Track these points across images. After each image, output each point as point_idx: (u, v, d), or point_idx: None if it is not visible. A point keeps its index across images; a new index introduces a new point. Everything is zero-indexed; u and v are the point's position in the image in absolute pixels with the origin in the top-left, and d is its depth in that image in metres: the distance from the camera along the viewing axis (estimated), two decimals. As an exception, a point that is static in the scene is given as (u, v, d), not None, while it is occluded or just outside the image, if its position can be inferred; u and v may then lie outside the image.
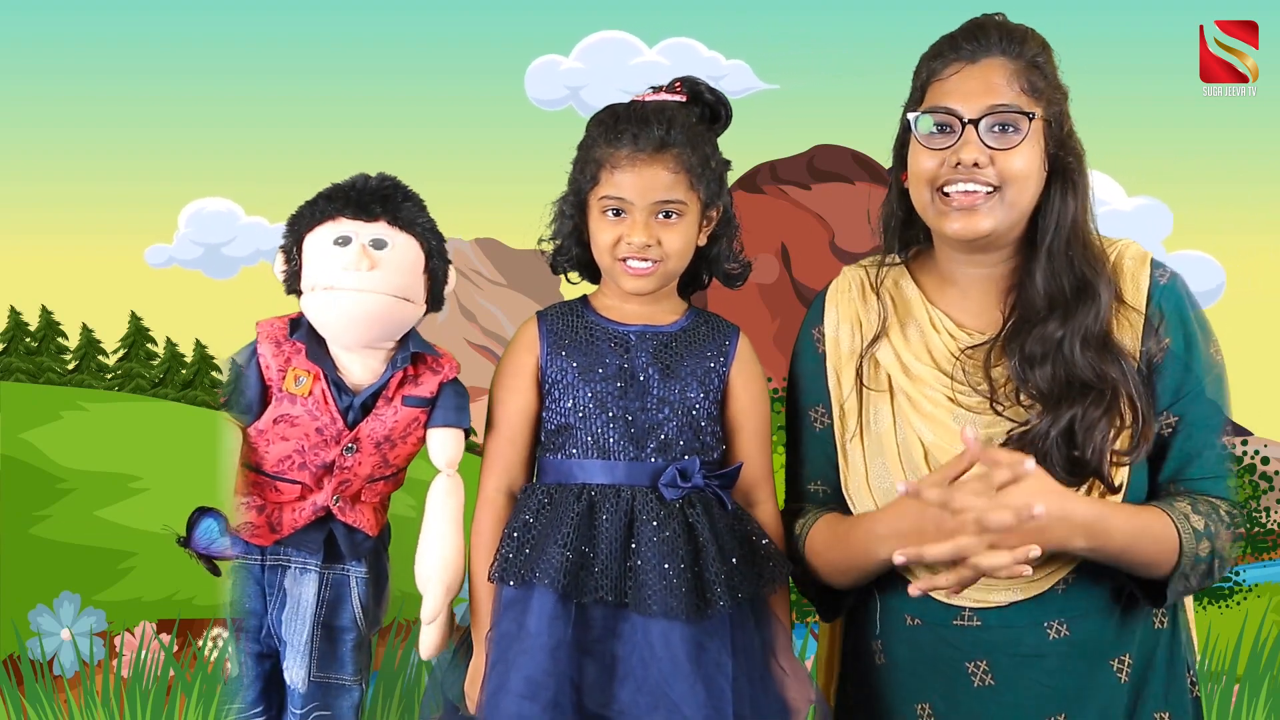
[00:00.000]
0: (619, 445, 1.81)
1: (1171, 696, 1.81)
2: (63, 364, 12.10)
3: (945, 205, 1.74)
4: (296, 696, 1.86)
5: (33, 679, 4.24)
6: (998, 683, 1.76)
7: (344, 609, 1.87)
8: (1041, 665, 1.75)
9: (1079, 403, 1.69)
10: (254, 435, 1.83)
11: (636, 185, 1.80)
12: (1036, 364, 1.72)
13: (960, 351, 1.78)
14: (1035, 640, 1.75)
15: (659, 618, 1.73)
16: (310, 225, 1.81)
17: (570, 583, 1.74)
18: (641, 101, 1.86)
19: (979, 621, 1.76)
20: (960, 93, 1.73)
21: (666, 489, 1.79)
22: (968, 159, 1.71)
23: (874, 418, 1.83)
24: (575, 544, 1.76)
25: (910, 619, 1.81)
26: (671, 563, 1.75)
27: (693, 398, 1.83)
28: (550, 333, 1.87)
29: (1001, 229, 1.74)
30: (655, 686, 1.73)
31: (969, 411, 1.76)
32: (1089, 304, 1.73)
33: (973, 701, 1.77)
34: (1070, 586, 1.74)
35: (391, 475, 1.90)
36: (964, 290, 1.83)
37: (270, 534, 1.85)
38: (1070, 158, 1.77)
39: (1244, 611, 8.07)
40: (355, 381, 1.83)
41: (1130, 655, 1.77)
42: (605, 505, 1.78)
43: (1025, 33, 1.78)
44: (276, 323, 1.85)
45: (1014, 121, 1.72)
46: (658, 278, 1.84)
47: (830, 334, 1.90)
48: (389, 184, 1.83)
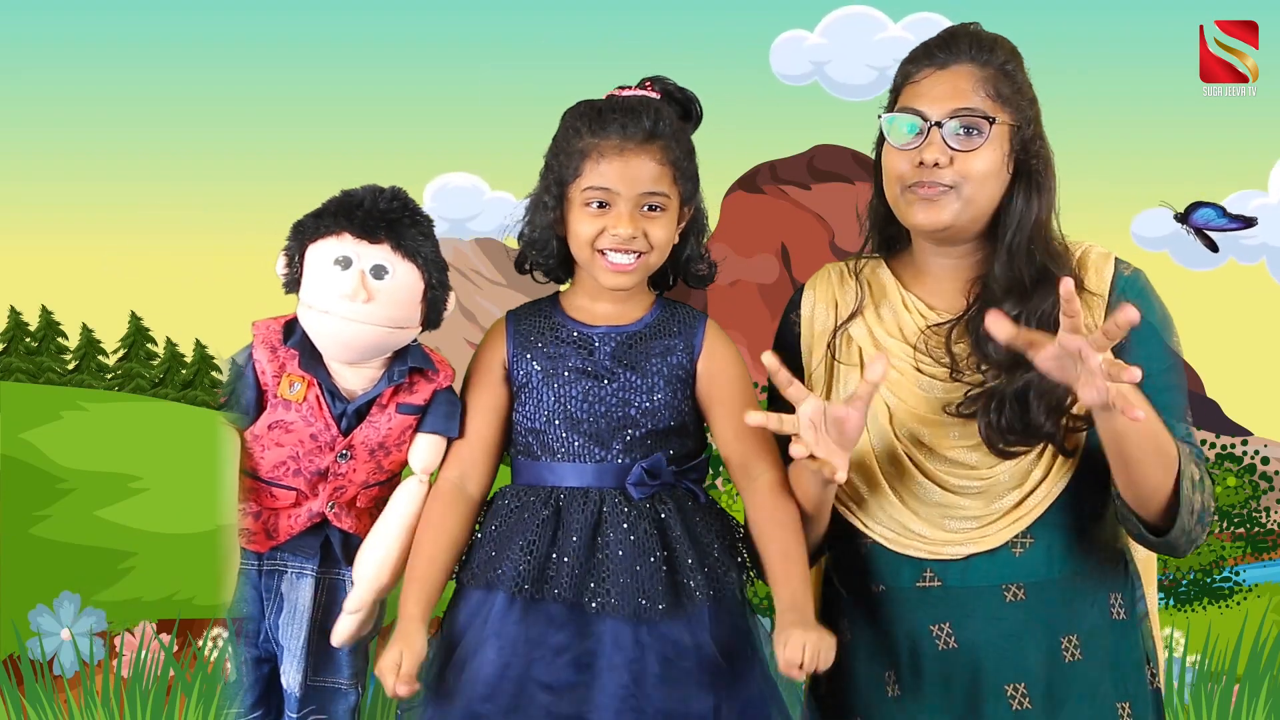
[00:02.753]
0: (585, 448, 1.81)
1: (1131, 687, 1.86)
2: (63, 364, 12.11)
3: (912, 197, 1.83)
4: (293, 700, 1.86)
5: (33, 679, 4.24)
6: (959, 646, 1.82)
7: (340, 613, 1.87)
8: (1000, 628, 1.81)
9: (1034, 369, 1.72)
10: (250, 440, 1.83)
11: (624, 175, 1.79)
12: (990, 340, 1.76)
13: (927, 328, 1.87)
14: (993, 602, 1.82)
15: (630, 619, 1.73)
16: (314, 237, 1.79)
17: (532, 587, 1.74)
18: (621, 95, 1.85)
19: (940, 581, 1.83)
20: (929, 96, 1.82)
21: (634, 488, 1.79)
22: (929, 159, 1.80)
23: (842, 388, 1.90)
24: (538, 548, 1.76)
25: (876, 586, 1.87)
26: (643, 563, 1.75)
27: (659, 396, 1.83)
28: (518, 333, 1.87)
29: (961, 223, 1.83)
30: (623, 687, 1.73)
31: (932, 379, 1.84)
32: (1047, 292, 1.80)
33: (937, 666, 1.83)
34: (1026, 551, 1.82)
35: (386, 481, 1.89)
36: (936, 278, 1.91)
37: (266, 540, 1.85)
38: (1035, 160, 1.85)
39: (1244, 611, 8.07)
40: (350, 389, 1.83)
41: (1078, 636, 1.83)
42: (573, 508, 1.78)
43: (995, 41, 1.86)
44: (272, 325, 1.84)
45: (977, 125, 1.80)
46: (639, 272, 1.83)
47: (806, 314, 1.97)
48: (398, 205, 1.80)
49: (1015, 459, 1.80)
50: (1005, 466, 1.80)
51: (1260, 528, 10.44)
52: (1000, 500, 1.81)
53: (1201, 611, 8.73)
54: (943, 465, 1.82)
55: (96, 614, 4.58)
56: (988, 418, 1.79)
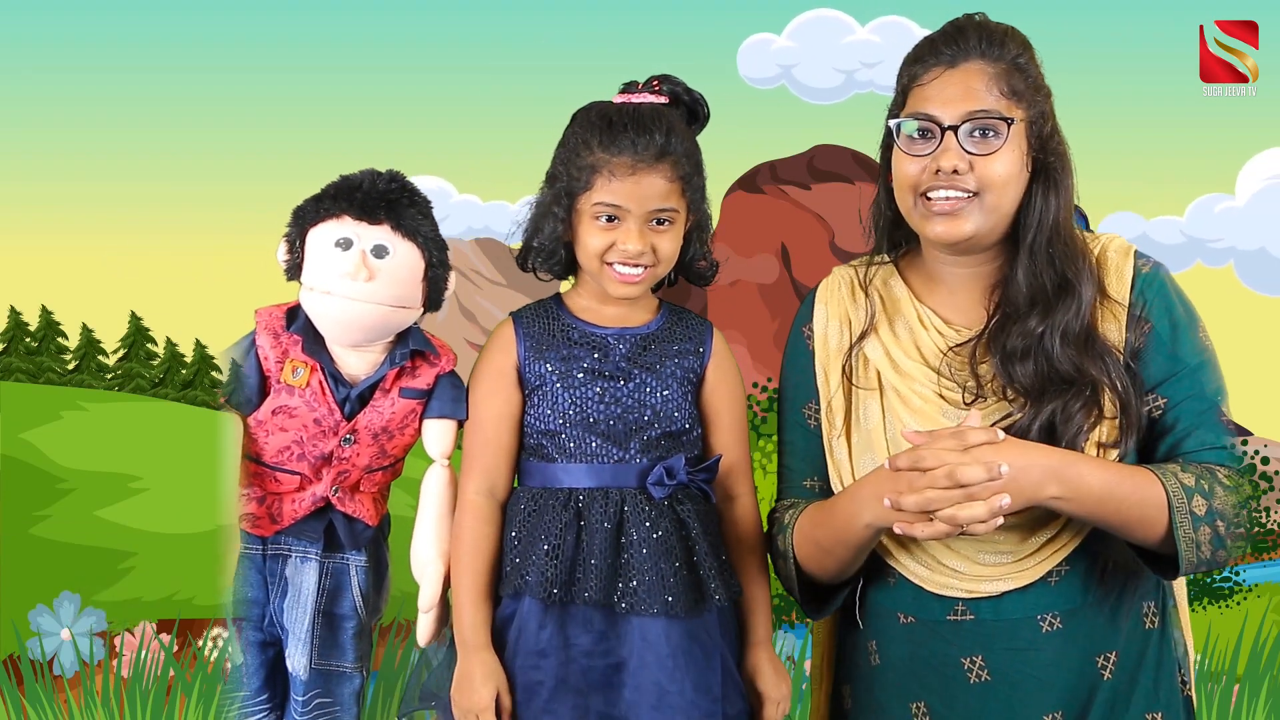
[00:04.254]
0: (603, 448, 1.81)
1: (1163, 696, 1.81)
2: (63, 364, 12.10)
3: (928, 209, 1.76)
4: (299, 684, 1.87)
5: (33, 679, 4.24)
6: (994, 678, 1.77)
7: (344, 597, 1.88)
8: (1036, 659, 1.76)
9: (1060, 397, 1.71)
10: (253, 426, 1.84)
11: (634, 194, 1.79)
12: (1018, 359, 1.75)
13: (948, 348, 1.81)
14: (1029, 634, 1.76)
15: (659, 617, 1.73)
16: (314, 220, 1.82)
17: (560, 591, 1.75)
18: (633, 104, 1.83)
19: (972, 615, 1.77)
20: (940, 99, 1.74)
21: (655, 488, 1.79)
22: (947, 166, 1.72)
23: (863, 414, 1.85)
24: (563, 551, 1.76)
25: (904, 617, 1.82)
26: (667, 561, 1.76)
27: (673, 396, 1.83)
28: (528, 335, 1.86)
29: (983, 231, 1.76)
30: (654, 685, 1.73)
31: (956, 407, 1.78)
32: (1069, 301, 1.75)
33: (969, 698, 1.78)
34: (1061, 579, 1.76)
35: (389, 465, 1.90)
36: (951, 289, 1.85)
37: (270, 524, 1.86)
38: (1052, 158, 1.78)
39: (1244, 611, 8.08)
40: (352, 374, 1.84)
41: (1117, 652, 1.78)
42: (594, 509, 1.78)
43: (1005, 33, 1.77)
44: (275, 312, 1.86)
45: (993, 127, 1.73)
46: (646, 283, 1.84)
47: (819, 331, 1.91)
48: (396, 186, 1.83)
49: None
50: None
51: (1260, 528, 10.44)
52: (1035, 535, 1.74)
53: (1201, 611, 8.73)
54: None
55: (96, 614, 4.57)
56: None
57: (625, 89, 1.87)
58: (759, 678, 1.84)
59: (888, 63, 13.64)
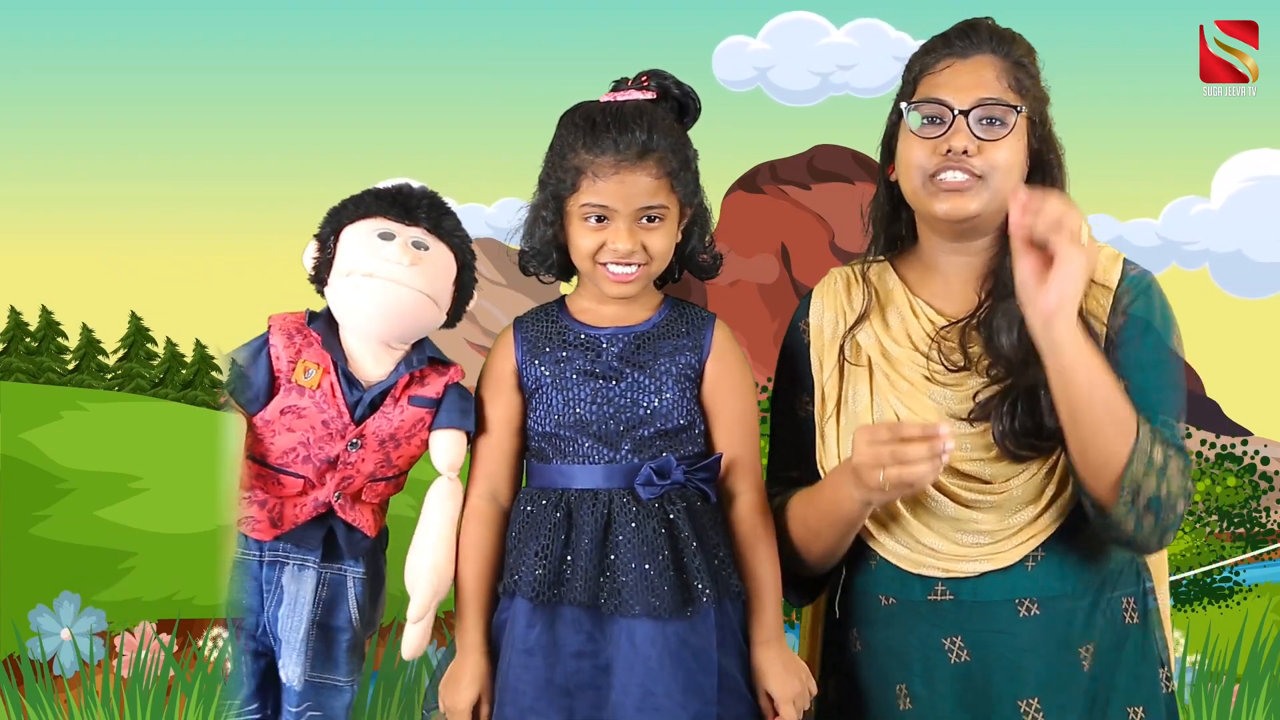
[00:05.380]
0: (594, 449, 1.81)
1: (1144, 691, 1.85)
2: (63, 364, 12.10)
3: (935, 188, 1.82)
4: (292, 695, 1.86)
5: (33, 679, 4.24)
6: (974, 659, 1.80)
7: (340, 609, 1.88)
8: (1014, 643, 1.79)
9: (1042, 367, 1.73)
10: (260, 425, 1.84)
11: (620, 193, 1.79)
12: (1003, 332, 1.80)
13: (937, 332, 1.86)
14: (1007, 617, 1.80)
15: (642, 618, 1.73)
16: (352, 218, 1.85)
17: (550, 592, 1.75)
18: (617, 102, 1.83)
19: (952, 595, 1.81)
20: (952, 86, 1.82)
21: (642, 488, 1.78)
22: (958, 146, 1.78)
23: (853, 396, 1.89)
24: (552, 551, 1.76)
25: (885, 599, 1.86)
26: (652, 562, 1.75)
27: (668, 395, 1.83)
28: (525, 340, 1.87)
29: (987, 213, 1.81)
30: (640, 686, 1.73)
31: (944, 388, 1.83)
32: None
33: (950, 679, 1.81)
34: (1039, 564, 1.80)
35: (394, 476, 1.90)
36: (946, 277, 1.90)
37: (271, 529, 1.85)
38: (1051, 155, 1.86)
39: (1244, 611, 8.08)
40: (365, 376, 1.85)
41: (1094, 644, 1.82)
42: (583, 510, 1.78)
43: (1013, 35, 1.87)
44: (290, 316, 1.88)
45: (1001, 115, 1.80)
46: (640, 281, 1.83)
47: (815, 323, 1.96)
48: (431, 193, 1.89)
49: (1029, 473, 1.78)
50: (1018, 481, 1.79)
51: (1260, 528, 10.45)
52: (1014, 516, 1.79)
53: (1201, 611, 8.73)
54: (955, 478, 1.80)
55: (96, 614, 4.57)
56: (1000, 421, 1.78)
57: (615, 87, 1.87)
58: (766, 677, 1.82)
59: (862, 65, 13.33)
